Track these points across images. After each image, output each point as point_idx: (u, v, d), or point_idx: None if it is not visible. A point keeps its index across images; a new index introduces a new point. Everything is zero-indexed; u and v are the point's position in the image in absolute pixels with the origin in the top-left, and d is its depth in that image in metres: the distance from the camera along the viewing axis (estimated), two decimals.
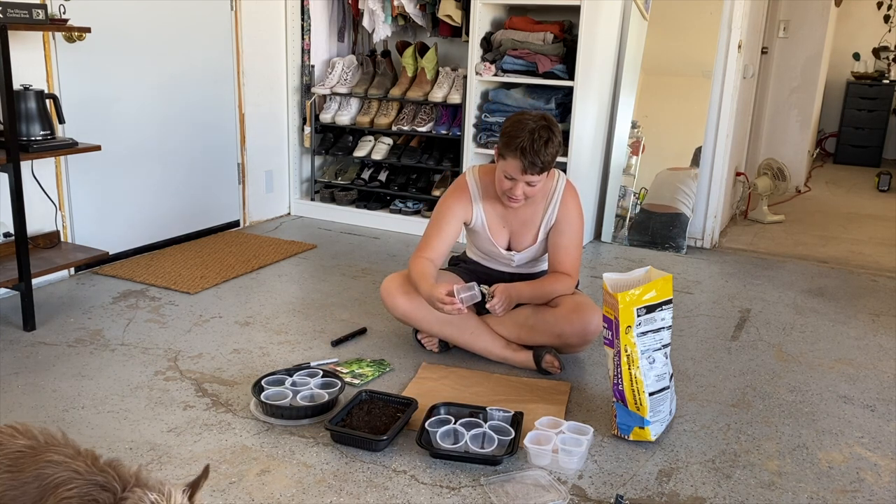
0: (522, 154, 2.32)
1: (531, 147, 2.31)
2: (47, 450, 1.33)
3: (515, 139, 2.33)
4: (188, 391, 2.35)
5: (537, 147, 2.31)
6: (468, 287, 2.33)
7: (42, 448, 1.33)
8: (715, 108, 4.11)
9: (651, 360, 2.08)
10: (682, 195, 4.11)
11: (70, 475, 1.27)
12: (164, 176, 3.77)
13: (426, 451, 2.03)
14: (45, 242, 3.13)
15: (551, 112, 3.88)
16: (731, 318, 3.17)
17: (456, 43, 4.45)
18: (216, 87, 3.99)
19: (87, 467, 1.29)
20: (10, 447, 1.33)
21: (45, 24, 2.78)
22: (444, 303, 2.31)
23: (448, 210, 2.59)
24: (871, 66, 7.60)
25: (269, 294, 3.24)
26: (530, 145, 2.31)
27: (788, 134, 5.96)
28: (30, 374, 2.44)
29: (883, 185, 6.17)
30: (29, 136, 2.78)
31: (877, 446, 2.19)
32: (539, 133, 2.33)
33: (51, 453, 1.32)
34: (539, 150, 2.31)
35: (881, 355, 2.83)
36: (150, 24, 3.55)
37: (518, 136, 2.33)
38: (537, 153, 2.31)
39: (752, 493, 1.93)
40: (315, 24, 4.46)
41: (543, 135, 2.33)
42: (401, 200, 4.42)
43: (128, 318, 2.91)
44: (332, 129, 4.61)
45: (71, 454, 1.33)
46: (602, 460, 2.05)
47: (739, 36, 4.00)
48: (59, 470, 1.28)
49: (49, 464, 1.28)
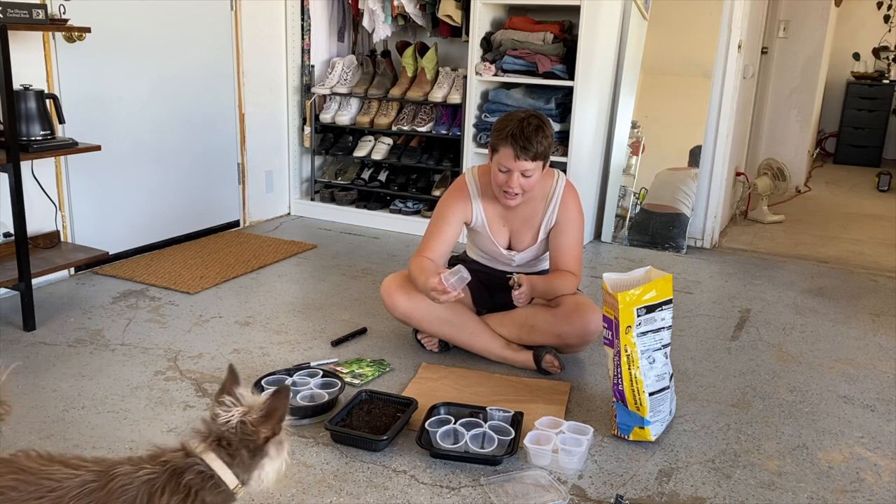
0: (513, 139, 2.34)
1: (521, 133, 2.33)
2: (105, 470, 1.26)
3: (505, 128, 2.37)
4: (188, 391, 2.35)
5: (527, 132, 2.33)
6: (454, 272, 2.32)
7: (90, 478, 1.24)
8: (715, 108, 4.11)
9: (651, 360, 2.08)
10: (682, 195, 4.11)
11: (149, 479, 1.24)
12: (164, 176, 3.77)
13: (426, 451, 2.03)
14: (45, 242, 3.13)
15: (551, 112, 3.88)
16: (731, 318, 3.17)
17: (456, 43, 4.45)
18: (216, 87, 3.99)
19: (151, 465, 1.26)
20: (72, 485, 1.21)
21: (45, 24, 2.78)
22: (438, 291, 2.30)
23: (448, 210, 2.59)
24: (871, 66, 7.60)
25: (269, 294, 3.25)
26: (520, 131, 2.33)
27: (788, 134, 5.96)
28: (30, 374, 2.44)
29: (883, 185, 6.17)
30: (29, 136, 2.78)
31: (877, 446, 2.19)
32: (528, 121, 2.36)
33: (112, 472, 1.24)
34: (529, 136, 2.33)
35: (881, 355, 2.83)
36: (150, 24, 3.55)
37: (507, 125, 2.37)
38: (528, 139, 2.33)
39: (752, 493, 1.93)
40: (315, 24, 4.46)
41: (533, 122, 2.36)
42: (401, 200, 4.42)
43: (128, 318, 2.91)
44: (332, 129, 4.61)
45: (117, 463, 1.28)
46: (602, 460, 2.05)
47: (739, 36, 4.00)
48: (137, 482, 1.23)
49: (121, 488, 1.22)
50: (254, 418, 1.29)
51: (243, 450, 1.28)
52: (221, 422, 1.28)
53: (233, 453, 1.28)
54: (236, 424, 1.27)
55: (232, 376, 1.34)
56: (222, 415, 1.29)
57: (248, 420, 1.28)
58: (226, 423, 1.28)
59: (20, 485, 1.18)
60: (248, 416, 1.29)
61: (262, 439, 1.29)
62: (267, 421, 1.29)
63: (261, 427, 1.29)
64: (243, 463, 1.28)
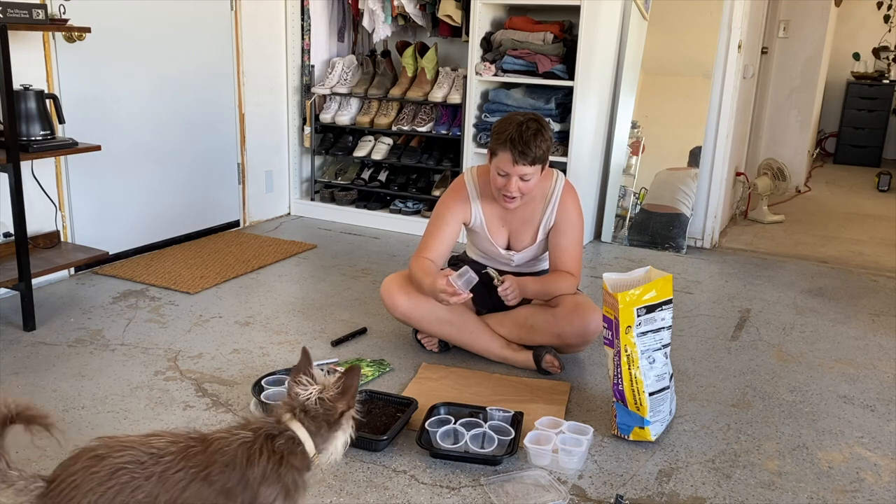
0: (512, 144, 2.33)
1: (520, 137, 2.33)
2: (202, 437, 1.37)
3: (503, 132, 2.36)
4: (188, 391, 2.35)
5: (526, 137, 2.33)
6: (461, 273, 2.33)
7: (191, 443, 1.35)
8: (715, 108, 4.11)
9: (651, 360, 2.08)
10: (681, 195, 4.11)
11: (245, 442, 1.36)
12: (164, 176, 3.77)
13: (426, 451, 2.03)
14: (45, 242, 3.13)
15: (551, 112, 3.88)
16: (731, 318, 3.17)
17: (456, 43, 4.45)
18: (216, 86, 3.99)
19: (245, 431, 1.38)
20: (177, 450, 1.33)
21: (45, 24, 2.78)
22: (448, 293, 2.31)
23: (447, 211, 2.59)
24: (871, 66, 7.60)
25: (269, 294, 3.25)
26: (519, 136, 2.33)
27: (788, 134, 5.96)
28: (30, 374, 2.44)
29: (883, 185, 6.17)
30: (29, 136, 2.78)
31: (877, 446, 2.19)
32: (527, 125, 2.35)
33: (210, 437, 1.36)
34: (528, 141, 2.33)
35: (881, 355, 2.83)
36: (150, 24, 3.55)
37: (506, 129, 2.36)
38: (527, 143, 2.33)
39: (752, 493, 1.93)
40: (315, 24, 4.46)
41: (532, 126, 2.35)
42: (401, 200, 4.42)
43: (128, 318, 2.91)
44: (332, 129, 4.61)
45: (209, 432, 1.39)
46: (602, 460, 2.05)
47: (739, 36, 4.00)
48: (235, 444, 1.35)
49: (221, 451, 1.34)
50: (331, 395, 1.42)
51: (324, 422, 1.41)
52: (302, 399, 1.41)
53: (315, 425, 1.41)
54: (315, 400, 1.41)
55: (306, 357, 1.46)
56: (301, 393, 1.42)
57: (326, 396, 1.42)
58: (306, 399, 1.41)
59: (134, 458, 1.29)
60: (324, 394, 1.42)
61: (339, 413, 1.42)
62: (343, 397, 1.43)
63: (337, 402, 1.42)
64: (322, 434, 1.42)
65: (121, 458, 1.27)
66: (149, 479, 1.26)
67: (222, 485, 1.31)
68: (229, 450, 1.34)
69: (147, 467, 1.27)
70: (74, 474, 1.25)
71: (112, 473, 1.25)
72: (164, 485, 1.27)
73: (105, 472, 1.25)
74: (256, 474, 1.33)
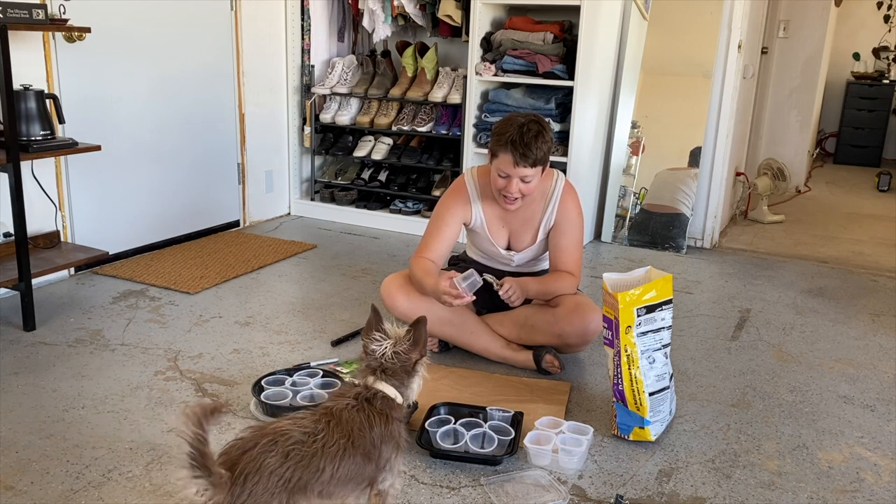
0: (513, 146, 2.33)
1: (521, 139, 2.32)
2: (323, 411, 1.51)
3: (504, 134, 2.35)
4: (188, 391, 2.35)
5: (527, 139, 2.32)
6: (466, 276, 2.33)
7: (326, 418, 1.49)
8: (715, 108, 4.11)
9: (651, 360, 2.09)
10: (681, 195, 4.11)
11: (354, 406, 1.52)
12: (164, 176, 3.77)
13: (426, 451, 2.03)
14: (45, 242, 3.14)
15: (551, 112, 3.88)
16: (731, 318, 3.17)
17: (456, 43, 4.45)
18: (216, 87, 3.99)
19: (345, 398, 1.54)
20: (327, 435, 1.45)
21: (45, 24, 2.78)
22: (452, 295, 2.31)
23: (447, 211, 2.59)
24: (871, 66, 7.60)
25: (269, 294, 3.25)
26: (520, 138, 2.32)
27: (788, 134, 5.96)
28: (30, 374, 2.44)
29: (883, 185, 6.17)
30: (29, 136, 2.78)
31: (877, 446, 2.19)
32: (528, 126, 2.34)
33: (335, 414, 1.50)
34: (529, 143, 2.32)
35: (881, 355, 2.83)
36: (150, 24, 3.55)
37: (507, 130, 2.35)
38: (527, 145, 2.32)
39: (752, 493, 1.93)
40: (315, 24, 4.46)
41: (533, 128, 2.34)
42: (401, 200, 4.42)
43: (128, 318, 2.91)
44: (332, 129, 4.61)
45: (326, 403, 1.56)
46: (602, 460, 2.05)
47: (739, 36, 4.00)
48: (355, 413, 1.51)
49: (349, 420, 1.49)
50: (404, 347, 1.59)
51: (402, 373, 1.59)
52: (378, 355, 1.58)
53: (398, 379, 1.58)
54: (391, 354, 1.57)
55: (376, 315, 1.62)
56: (377, 349, 1.58)
57: (400, 350, 1.58)
58: (382, 356, 1.57)
59: (297, 439, 1.41)
60: (397, 347, 1.58)
61: (414, 362, 1.60)
62: (415, 347, 1.60)
63: (411, 353, 1.60)
64: (403, 384, 1.59)
65: (287, 441, 1.40)
66: (315, 455, 1.41)
67: (364, 448, 1.48)
68: (354, 417, 1.50)
69: (308, 445, 1.42)
70: (255, 459, 1.36)
71: (286, 456, 1.38)
72: (326, 458, 1.42)
73: (279, 455, 1.38)
74: (377, 434, 1.51)
